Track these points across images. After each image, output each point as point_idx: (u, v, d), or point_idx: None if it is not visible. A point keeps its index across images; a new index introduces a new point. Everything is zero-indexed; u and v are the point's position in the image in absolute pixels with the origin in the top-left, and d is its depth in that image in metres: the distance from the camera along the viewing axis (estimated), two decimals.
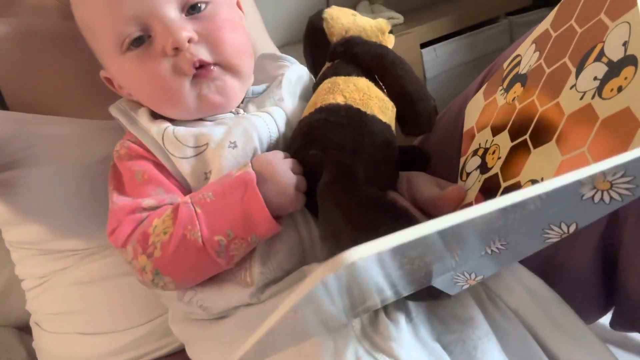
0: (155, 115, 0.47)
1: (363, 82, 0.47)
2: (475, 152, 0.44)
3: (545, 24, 0.41)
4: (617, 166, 0.21)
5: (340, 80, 0.47)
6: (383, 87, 0.48)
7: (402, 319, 0.40)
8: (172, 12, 0.43)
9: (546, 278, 0.43)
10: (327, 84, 0.48)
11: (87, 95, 0.54)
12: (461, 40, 1.42)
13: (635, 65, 0.28)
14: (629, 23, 0.30)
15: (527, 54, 0.43)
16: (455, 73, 1.43)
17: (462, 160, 0.47)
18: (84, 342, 0.57)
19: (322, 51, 0.53)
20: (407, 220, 0.34)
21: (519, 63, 0.44)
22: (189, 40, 0.43)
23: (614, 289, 0.49)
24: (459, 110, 0.56)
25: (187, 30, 0.43)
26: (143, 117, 0.47)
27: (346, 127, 0.43)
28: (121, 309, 0.56)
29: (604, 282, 0.49)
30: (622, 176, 0.22)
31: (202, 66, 0.44)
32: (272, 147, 0.46)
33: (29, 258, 0.59)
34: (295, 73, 0.54)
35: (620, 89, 0.29)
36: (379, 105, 0.45)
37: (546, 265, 0.46)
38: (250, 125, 0.46)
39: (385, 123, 0.45)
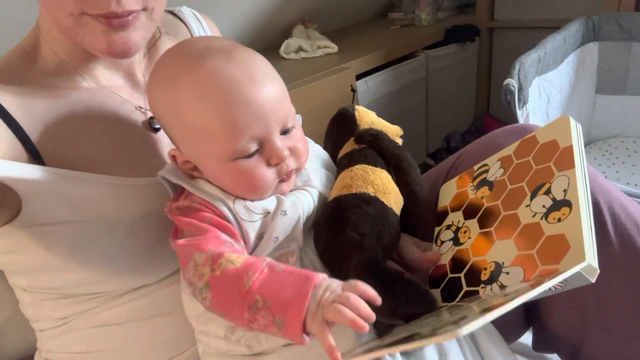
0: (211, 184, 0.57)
1: (386, 177, 0.61)
2: (448, 227, 0.61)
3: (509, 150, 0.58)
4: (559, 280, 0.39)
5: (370, 170, 0.61)
6: (395, 178, 0.63)
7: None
8: (277, 134, 0.55)
9: None
10: (359, 170, 0.61)
11: (115, 156, 0.60)
12: (387, 73, 1.62)
13: (570, 208, 0.45)
14: (568, 177, 0.47)
15: (493, 167, 0.60)
16: (383, 101, 1.63)
17: (437, 230, 0.63)
18: None
19: (345, 134, 0.68)
20: (421, 291, 0.50)
21: (487, 171, 0.61)
22: None
23: (534, 318, 0.70)
24: (434, 180, 0.74)
25: (286, 149, 0.55)
26: (205, 185, 0.56)
27: (374, 217, 0.56)
28: (150, 346, 0.63)
29: (525, 312, 0.69)
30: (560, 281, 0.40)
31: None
32: (309, 216, 0.59)
33: (48, 301, 0.63)
34: (312, 149, 0.66)
35: (559, 220, 0.45)
36: (394, 199, 0.60)
37: None
38: (297, 199, 0.58)
39: (397, 216, 0.59)
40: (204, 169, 0.57)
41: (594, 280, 0.41)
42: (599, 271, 0.40)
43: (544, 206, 0.48)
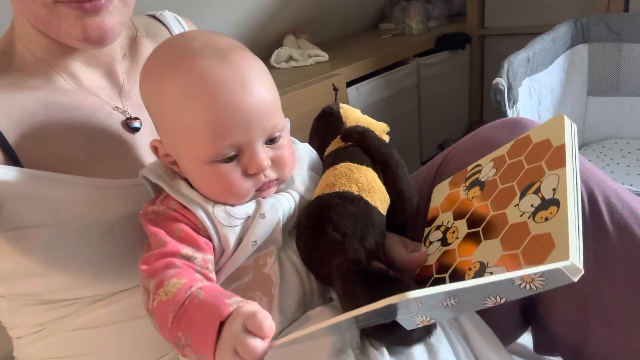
0: (192, 186, 0.56)
1: (371, 175, 0.59)
2: (438, 227, 0.59)
3: (502, 150, 0.57)
4: (537, 272, 0.37)
5: (354, 168, 0.59)
6: (382, 176, 0.61)
7: (384, 349, 0.54)
8: (260, 144, 0.53)
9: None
10: (343, 168, 0.59)
11: (93, 158, 0.60)
12: (379, 80, 1.62)
13: (558, 207, 0.43)
14: (558, 176, 0.45)
15: (486, 167, 0.58)
16: (375, 108, 1.63)
17: (427, 230, 0.61)
18: None
19: (331, 132, 0.67)
20: (405, 289, 0.47)
21: (479, 171, 0.59)
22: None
23: (532, 318, 0.67)
24: (424, 178, 0.73)
25: (267, 160, 0.53)
26: (184, 187, 0.55)
27: (357, 217, 0.54)
28: (130, 349, 0.62)
29: (522, 311, 0.67)
30: (540, 277, 0.38)
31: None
32: (290, 218, 0.57)
33: (26, 307, 0.61)
34: (300, 152, 0.64)
35: (546, 219, 0.43)
36: (380, 198, 0.58)
37: None
38: (276, 201, 0.56)
39: (382, 215, 0.58)
40: (182, 166, 0.56)
41: (575, 280, 0.38)
42: (583, 272, 0.38)
43: (532, 205, 0.46)
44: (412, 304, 0.41)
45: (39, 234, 0.55)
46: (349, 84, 1.51)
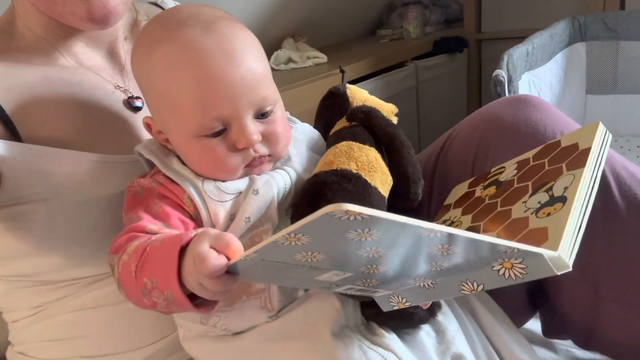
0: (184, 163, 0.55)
1: (373, 154, 0.57)
2: (444, 222, 0.58)
3: (530, 154, 0.56)
4: (517, 248, 0.34)
5: (356, 147, 0.57)
6: (387, 158, 0.60)
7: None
8: (249, 117, 0.51)
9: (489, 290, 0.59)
10: (344, 146, 0.57)
11: (93, 134, 0.59)
12: (377, 81, 1.62)
13: (564, 203, 0.42)
14: (574, 176, 0.44)
15: (509, 169, 0.57)
16: None
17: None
18: None
19: (338, 113, 0.65)
20: None
21: (501, 172, 0.58)
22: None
23: (540, 301, 0.67)
24: (427, 158, 0.72)
25: (256, 134, 0.51)
26: (176, 163, 0.54)
27: (353, 195, 0.52)
28: (130, 330, 0.61)
29: (530, 295, 0.67)
30: (520, 263, 0.36)
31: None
32: (286, 196, 0.55)
33: (21, 290, 0.60)
34: (298, 131, 0.62)
35: (548, 214, 0.42)
36: (381, 178, 0.56)
37: None
38: (270, 177, 0.54)
39: (382, 196, 0.56)
40: (172, 141, 0.55)
41: (559, 273, 0.36)
42: (570, 269, 0.36)
43: (539, 202, 0.45)
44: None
45: (38, 210, 0.55)
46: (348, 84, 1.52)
